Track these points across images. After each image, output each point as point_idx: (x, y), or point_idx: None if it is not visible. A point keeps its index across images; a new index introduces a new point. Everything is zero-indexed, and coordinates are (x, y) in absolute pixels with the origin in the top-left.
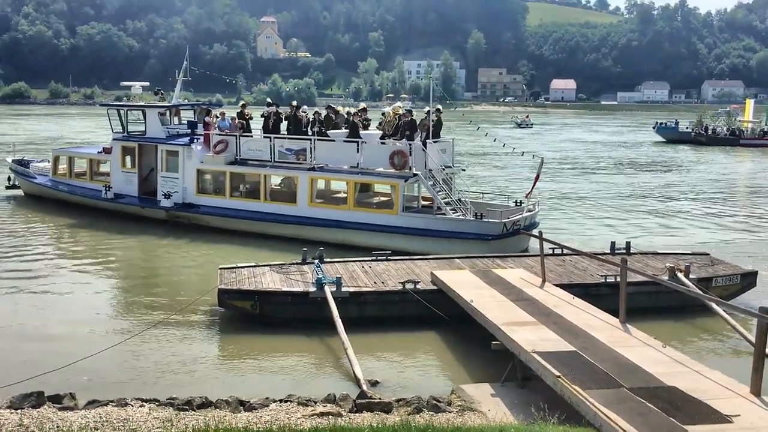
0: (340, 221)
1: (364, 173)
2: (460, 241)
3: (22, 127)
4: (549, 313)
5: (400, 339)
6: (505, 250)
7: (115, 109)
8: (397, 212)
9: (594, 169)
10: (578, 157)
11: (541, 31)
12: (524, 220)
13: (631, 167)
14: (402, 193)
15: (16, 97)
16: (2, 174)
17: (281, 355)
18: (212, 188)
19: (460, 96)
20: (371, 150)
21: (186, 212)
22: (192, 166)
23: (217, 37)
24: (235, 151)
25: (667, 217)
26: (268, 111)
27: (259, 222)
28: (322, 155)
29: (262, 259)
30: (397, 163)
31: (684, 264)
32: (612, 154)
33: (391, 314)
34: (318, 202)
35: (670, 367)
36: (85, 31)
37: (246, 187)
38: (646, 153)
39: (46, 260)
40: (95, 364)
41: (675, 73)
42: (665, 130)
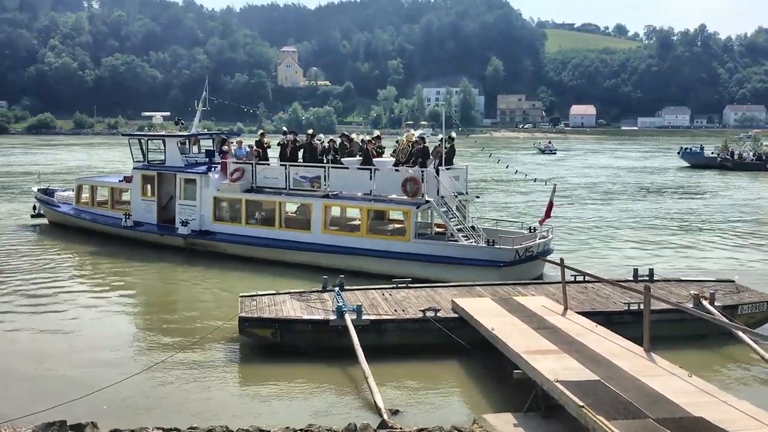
0: (353, 248)
1: (376, 200)
2: (472, 267)
3: (52, 157)
4: (571, 342)
5: (421, 367)
6: (518, 277)
7: (136, 139)
8: (410, 239)
9: (618, 195)
10: (603, 183)
11: (560, 58)
12: (537, 246)
13: (655, 193)
14: (414, 220)
15: (42, 128)
16: (29, 203)
17: (302, 383)
18: (228, 216)
19: (479, 122)
20: (384, 177)
21: (203, 239)
22: (209, 194)
23: (239, 66)
24: (252, 178)
25: (691, 243)
26: (285, 139)
27: (274, 249)
28: (336, 182)
29: (280, 286)
30: (410, 190)
31: (709, 291)
32: (637, 179)
33: (411, 342)
34: (332, 229)
35: (697, 396)
36: (109, 62)
37: (261, 215)
38: (671, 178)
39: (67, 288)
40: (117, 393)
41: (696, 98)
42: (690, 155)
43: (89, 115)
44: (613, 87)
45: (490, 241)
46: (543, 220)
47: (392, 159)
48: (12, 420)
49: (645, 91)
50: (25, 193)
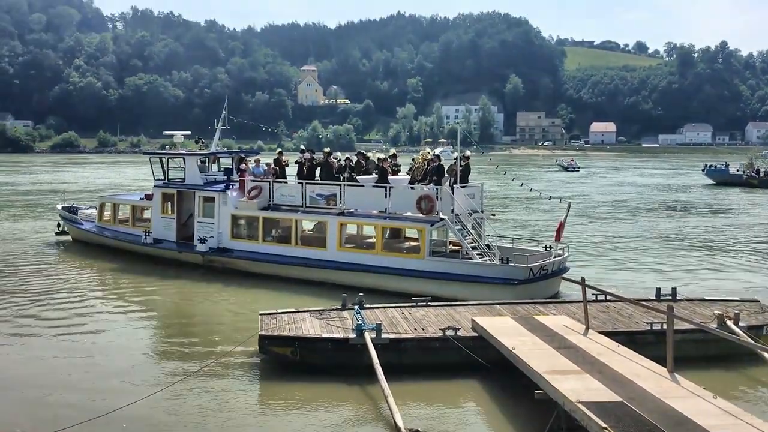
0: (367, 266)
1: (391, 218)
2: (486, 285)
3: (79, 175)
4: (593, 362)
5: (441, 387)
6: (532, 295)
7: (157, 157)
8: (424, 257)
9: (641, 213)
10: (627, 200)
11: (579, 75)
12: (552, 264)
13: (679, 211)
14: (428, 237)
15: (66, 146)
16: (54, 221)
17: (321, 402)
18: (246, 233)
19: (498, 140)
20: (399, 195)
21: (220, 257)
22: (227, 212)
23: (259, 85)
24: (269, 196)
25: (715, 262)
26: (302, 157)
27: (290, 266)
28: (352, 200)
29: (298, 303)
30: (424, 207)
31: (733, 311)
32: (661, 197)
33: (431, 361)
34: (347, 246)
35: (722, 419)
36: (132, 81)
37: (278, 232)
38: (696, 196)
39: (88, 305)
40: (138, 411)
41: (717, 115)
42: (715, 172)
43: (112, 134)
44: (634, 104)
45: (504, 259)
46: (557, 238)
47: (407, 177)
48: None
49: (666, 109)
50: (51, 211)
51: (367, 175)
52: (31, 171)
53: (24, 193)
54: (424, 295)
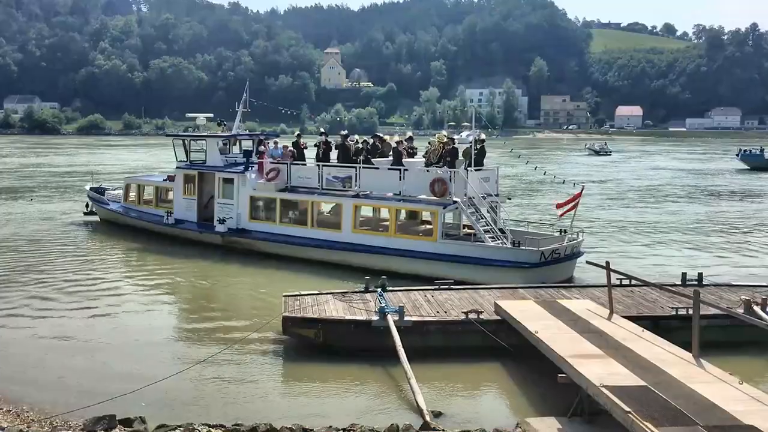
0: (381, 248)
1: (405, 200)
2: (498, 269)
3: (110, 157)
4: (618, 347)
5: (464, 369)
6: (544, 279)
7: (179, 139)
8: (437, 239)
9: (673, 197)
10: (659, 185)
11: (605, 58)
12: (565, 249)
13: (711, 195)
14: (441, 220)
15: (92, 128)
16: (84, 201)
17: (344, 383)
18: (264, 214)
19: (522, 123)
20: (413, 177)
21: (239, 237)
22: (246, 193)
23: (283, 68)
24: (286, 178)
25: (744, 247)
26: (320, 140)
27: (306, 248)
28: (367, 183)
29: (319, 285)
30: (438, 190)
31: (761, 296)
32: (694, 182)
33: (454, 344)
34: (362, 228)
35: (748, 404)
36: (157, 64)
37: (295, 214)
38: (729, 181)
39: (113, 285)
40: (163, 389)
41: (747, 99)
42: (750, 157)
43: (137, 117)
44: (661, 88)
45: (515, 243)
46: (563, 213)
47: (422, 160)
48: (63, 413)
49: (693, 92)
50: (81, 192)
51: (382, 158)
52: (61, 152)
53: (55, 174)
54: (436, 278)
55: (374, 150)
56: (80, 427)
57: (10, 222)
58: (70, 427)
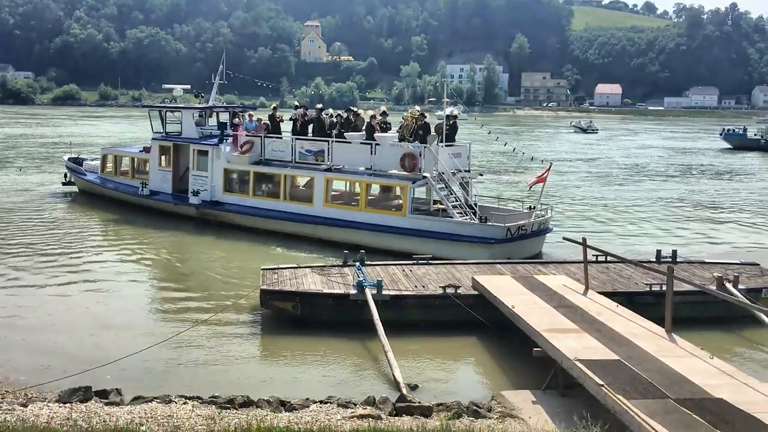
0: (351, 222)
1: (376, 175)
2: (464, 244)
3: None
4: (592, 321)
5: (441, 343)
6: (510, 255)
7: (156, 111)
8: (405, 214)
9: (656, 176)
10: (646, 163)
11: (586, 35)
12: (532, 225)
13: (694, 174)
14: (411, 195)
15: (67, 99)
16: (62, 172)
17: (321, 356)
18: (238, 187)
19: (502, 100)
20: (384, 152)
21: (213, 209)
22: (220, 166)
23: (262, 40)
24: (260, 151)
25: (718, 225)
26: (296, 114)
27: (278, 221)
28: (339, 157)
29: (296, 259)
30: (408, 165)
31: (733, 274)
32: (678, 160)
33: (431, 318)
34: (333, 202)
35: (718, 378)
36: (134, 34)
37: (268, 187)
38: (712, 160)
39: (88, 257)
40: (140, 361)
41: (724, 79)
42: (733, 136)
43: (114, 87)
44: (640, 66)
45: (482, 219)
46: (531, 184)
47: (394, 135)
48: (38, 385)
49: (672, 71)
50: (60, 163)
51: (355, 132)
52: (43, 123)
53: (37, 145)
54: (405, 253)
55: (347, 124)
56: (55, 399)
57: None
58: (45, 398)
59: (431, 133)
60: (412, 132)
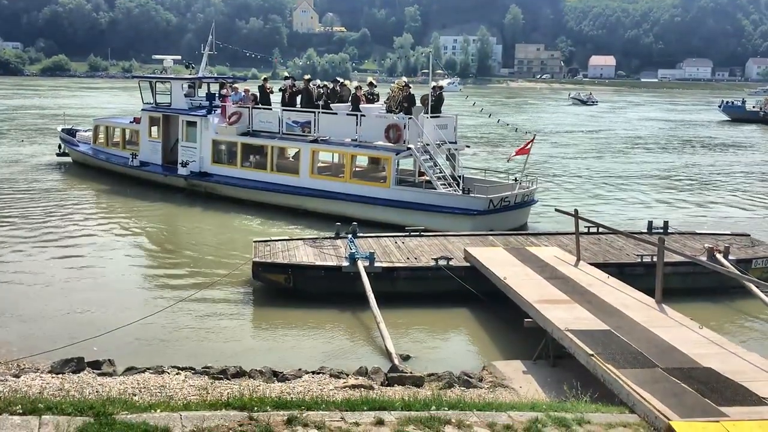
0: (336, 193)
1: (360, 146)
2: (447, 215)
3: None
4: (583, 292)
5: (433, 315)
6: (493, 227)
7: (146, 81)
8: (390, 186)
9: (653, 148)
10: (644, 136)
11: (580, 6)
12: (515, 197)
13: (691, 146)
14: (395, 166)
15: (57, 70)
16: (56, 143)
17: (314, 328)
18: (226, 158)
19: (496, 72)
20: (369, 123)
21: (201, 180)
22: (208, 137)
23: (254, 11)
24: (248, 122)
25: (711, 197)
26: (285, 84)
27: (265, 192)
28: (325, 128)
29: (287, 231)
30: (392, 136)
31: (723, 245)
32: (677, 133)
33: (423, 290)
34: (319, 174)
35: (707, 348)
36: (123, 4)
37: (255, 158)
38: (711, 132)
39: (80, 228)
40: (133, 332)
41: (718, 51)
42: (732, 109)
43: (103, 58)
44: (635, 38)
45: (465, 190)
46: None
47: (380, 106)
48: (31, 356)
49: (667, 43)
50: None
51: (341, 103)
52: (34, 94)
53: (30, 117)
54: (389, 224)
55: (333, 95)
56: (48, 369)
57: None
58: (38, 369)
59: (417, 105)
60: (398, 103)
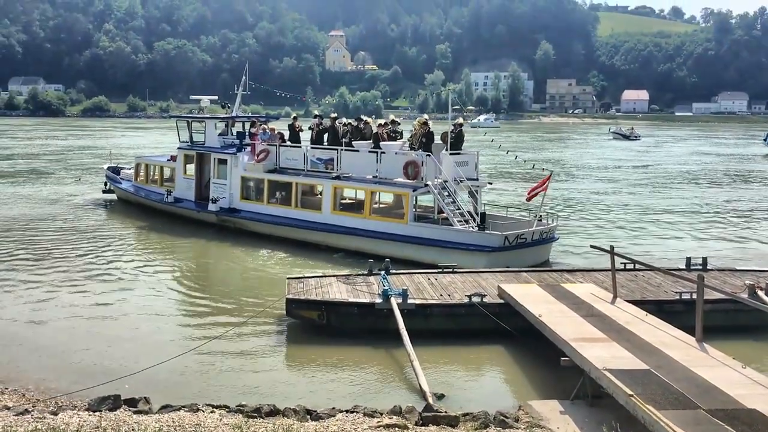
0: (356, 229)
1: (380, 182)
2: (463, 252)
3: (146, 139)
4: (620, 330)
5: (467, 352)
6: (510, 263)
7: (183, 121)
8: (407, 222)
9: (693, 182)
10: (686, 171)
11: (612, 41)
12: (533, 234)
13: (733, 180)
14: (412, 203)
15: (97, 110)
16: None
17: (347, 365)
18: (254, 195)
19: (527, 107)
20: (389, 160)
21: (230, 216)
22: (237, 174)
23: (287, 50)
24: (276, 160)
25: (750, 232)
26: (314, 123)
27: (289, 227)
28: (348, 165)
29: (316, 266)
30: (410, 173)
31: (765, 281)
32: (724, 167)
33: (457, 327)
34: (340, 210)
35: (750, 388)
36: (161, 46)
37: (281, 194)
38: (756, 166)
39: (119, 265)
40: (168, 370)
41: (754, 84)
42: None
43: (142, 99)
44: (668, 72)
45: (481, 227)
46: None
47: (400, 143)
48: (69, 393)
49: (701, 76)
50: (100, 172)
51: (363, 141)
52: (79, 135)
53: (77, 156)
54: (407, 260)
55: (357, 132)
56: (85, 407)
57: (30, 202)
58: (75, 406)
59: (437, 142)
60: (418, 140)
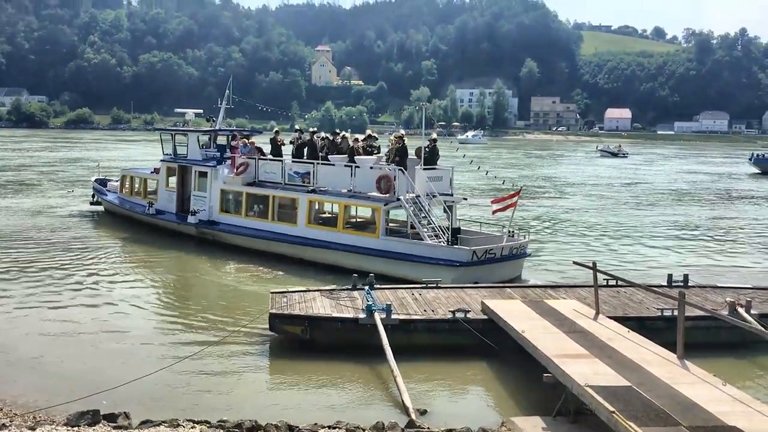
0: (329, 242)
1: (353, 197)
2: (431, 266)
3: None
4: (603, 346)
5: (450, 368)
6: (479, 279)
7: (168, 134)
8: (379, 236)
9: (677, 200)
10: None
11: (595, 60)
12: (502, 249)
13: (717, 198)
14: (383, 217)
15: (80, 122)
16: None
17: (330, 380)
18: (233, 207)
19: (512, 124)
20: (363, 175)
21: (210, 229)
22: (217, 186)
23: (273, 65)
24: (254, 173)
25: (732, 249)
26: (294, 137)
27: (266, 240)
28: (323, 179)
29: (298, 281)
30: (383, 187)
31: (745, 298)
32: (711, 185)
33: (440, 343)
34: (314, 223)
35: (731, 405)
36: (147, 59)
37: (259, 207)
38: (741, 185)
39: (100, 279)
40: (148, 385)
41: (735, 103)
42: (763, 161)
43: (126, 111)
44: (650, 91)
45: (449, 242)
46: (496, 211)
47: (374, 158)
48: (47, 408)
49: (682, 95)
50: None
51: (339, 155)
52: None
53: (62, 167)
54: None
55: (333, 146)
56: (63, 422)
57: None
58: (54, 421)
59: (411, 157)
60: (393, 155)
